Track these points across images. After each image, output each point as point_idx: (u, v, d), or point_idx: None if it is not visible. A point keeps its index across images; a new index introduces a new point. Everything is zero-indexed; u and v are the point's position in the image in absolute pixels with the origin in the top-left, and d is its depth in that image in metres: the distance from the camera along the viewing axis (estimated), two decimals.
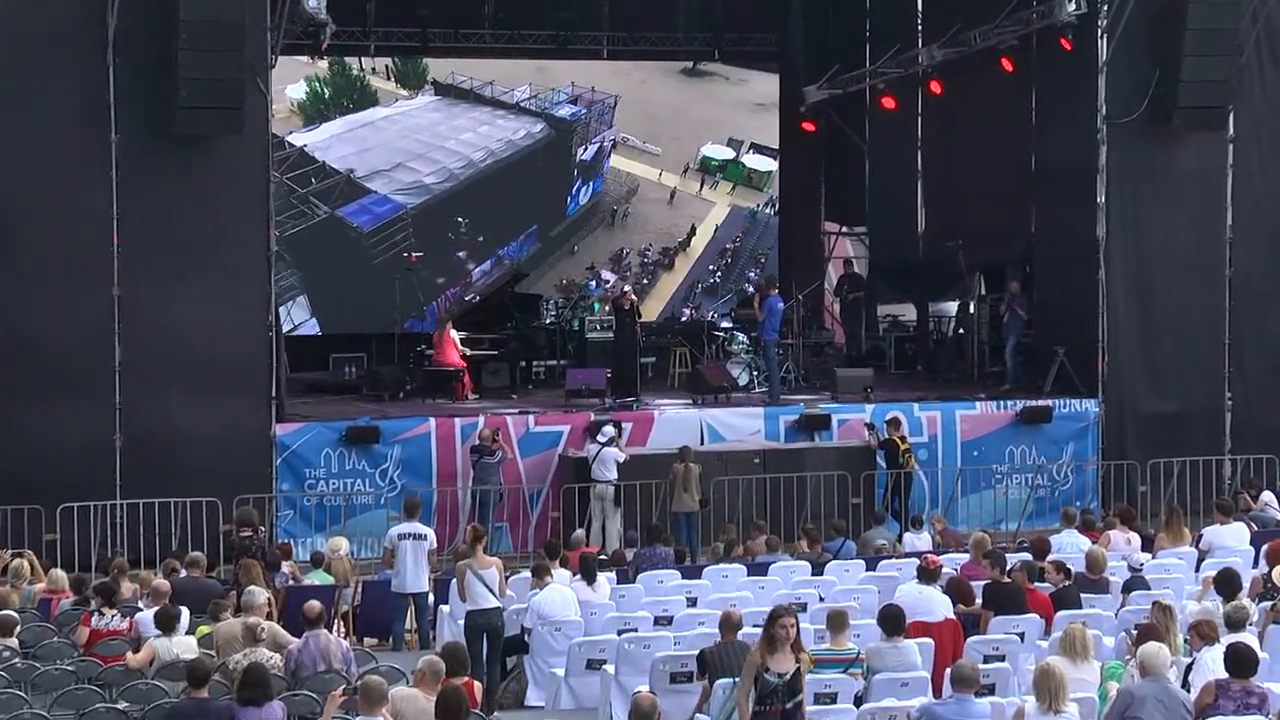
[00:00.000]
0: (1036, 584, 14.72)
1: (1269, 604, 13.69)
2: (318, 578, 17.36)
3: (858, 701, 12.11)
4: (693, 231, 32.16)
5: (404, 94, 30.43)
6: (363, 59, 29.75)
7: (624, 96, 31.50)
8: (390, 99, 30.28)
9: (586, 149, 31.46)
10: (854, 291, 29.08)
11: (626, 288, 26.14)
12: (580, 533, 19.09)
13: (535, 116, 31.03)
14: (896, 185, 29.75)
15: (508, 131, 30.82)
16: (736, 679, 11.51)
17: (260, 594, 13.86)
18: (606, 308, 27.50)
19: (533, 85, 30.92)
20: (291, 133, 28.91)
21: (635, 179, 31.97)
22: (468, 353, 24.75)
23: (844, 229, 32.16)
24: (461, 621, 15.29)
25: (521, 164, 30.70)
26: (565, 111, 31.21)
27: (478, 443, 21.40)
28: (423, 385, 24.77)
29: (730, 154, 32.57)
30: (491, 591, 15.04)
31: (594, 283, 30.96)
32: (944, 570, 14.81)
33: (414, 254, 28.38)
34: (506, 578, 15.93)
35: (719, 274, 32.14)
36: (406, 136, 30.14)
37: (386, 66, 30.25)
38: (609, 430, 21.56)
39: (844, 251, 32.29)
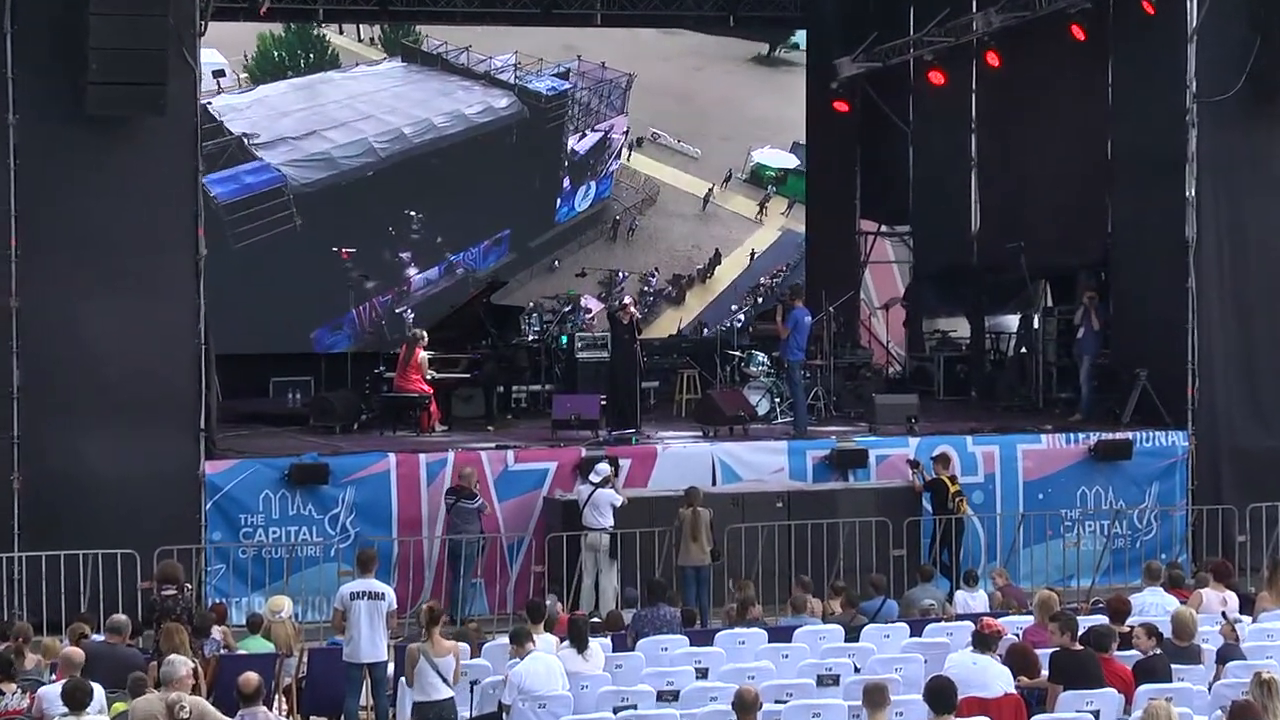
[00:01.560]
0: (1114, 652, 14.70)
1: None
2: (255, 645, 17.33)
3: None
4: (717, 258, 31.40)
5: (374, 57, 29.99)
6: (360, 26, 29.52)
7: (672, 84, 30.37)
8: (352, 62, 29.81)
9: (583, 137, 31.01)
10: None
11: (626, 299, 26.06)
12: (551, 602, 18.94)
13: (504, 89, 30.31)
14: (946, 176, 29.79)
15: (461, 104, 30.00)
16: None
17: (182, 664, 13.82)
18: (593, 322, 27.35)
19: (518, 53, 30.24)
20: (220, 93, 28.67)
21: (656, 184, 31.23)
22: (434, 376, 24.74)
23: (883, 228, 32.18)
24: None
25: (481, 147, 29.98)
26: (543, 85, 30.69)
27: (457, 483, 21.36)
28: (381, 414, 24.76)
29: (793, 162, 32.09)
30: (445, 680, 15.03)
31: (569, 307, 30.10)
32: (1004, 636, 14.80)
33: (345, 250, 28.13)
34: (481, 644, 15.87)
35: (742, 314, 31.51)
36: (341, 103, 29.61)
37: (383, 34, 29.92)
38: (603, 468, 21.54)
39: (883, 254, 32.32)
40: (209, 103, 27.88)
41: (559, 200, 30.90)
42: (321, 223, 28.76)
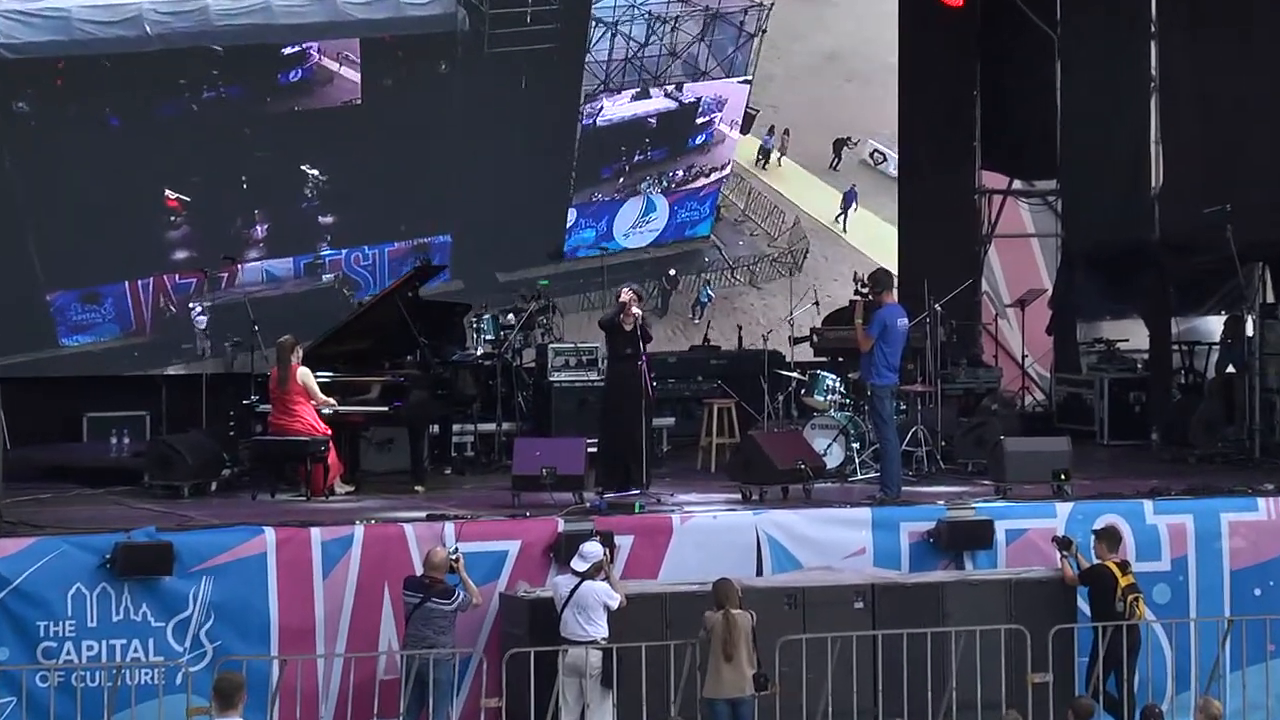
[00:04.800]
0: None
1: None
2: None
3: None
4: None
5: None
6: None
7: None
8: None
9: (641, 97, 30.58)
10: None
11: (625, 294, 25.61)
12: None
13: None
14: (1113, 108, 29.86)
15: None
16: None
17: None
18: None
19: None
20: None
21: (807, 232, 30.70)
22: (335, 409, 24.63)
23: (1017, 185, 32.16)
24: None
25: (384, 77, 29.63)
26: None
27: (428, 576, 21.16)
28: (253, 469, 24.93)
29: None
30: None
31: (540, 304, 28.58)
32: None
33: (174, 196, 28.01)
34: None
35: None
36: None
37: None
38: (592, 550, 21.43)
39: (1017, 224, 32.35)
40: None
41: (576, 217, 30.40)
42: (126, 153, 28.49)
